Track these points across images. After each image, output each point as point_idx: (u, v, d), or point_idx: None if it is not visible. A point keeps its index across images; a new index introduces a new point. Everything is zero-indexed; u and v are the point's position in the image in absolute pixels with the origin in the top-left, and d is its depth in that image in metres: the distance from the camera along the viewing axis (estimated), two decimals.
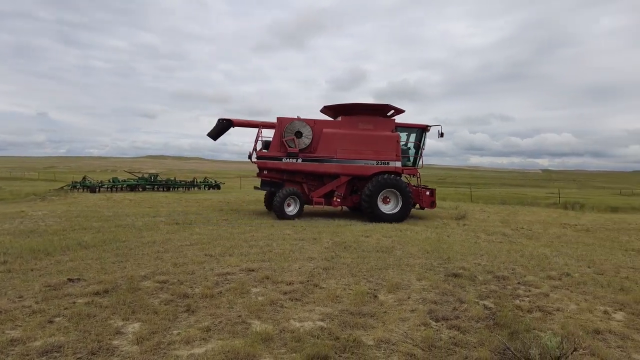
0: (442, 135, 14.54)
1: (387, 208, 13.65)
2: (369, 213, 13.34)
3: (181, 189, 30.86)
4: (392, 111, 14.14)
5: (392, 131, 14.13)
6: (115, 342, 3.69)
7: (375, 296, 5.24)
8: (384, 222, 12.77)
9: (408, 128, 14.83)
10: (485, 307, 4.97)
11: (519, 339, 3.82)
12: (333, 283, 5.76)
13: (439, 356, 3.62)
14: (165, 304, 4.69)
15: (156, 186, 29.55)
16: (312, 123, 13.97)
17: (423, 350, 3.74)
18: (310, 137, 13.70)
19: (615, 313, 4.87)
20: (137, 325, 4.08)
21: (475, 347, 3.79)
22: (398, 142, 13.94)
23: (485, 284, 6.00)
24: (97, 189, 25.55)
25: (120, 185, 27.67)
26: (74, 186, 25.94)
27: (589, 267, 7.25)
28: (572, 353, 3.29)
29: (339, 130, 13.90)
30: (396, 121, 14.59)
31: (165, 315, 4.33)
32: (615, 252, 8.85)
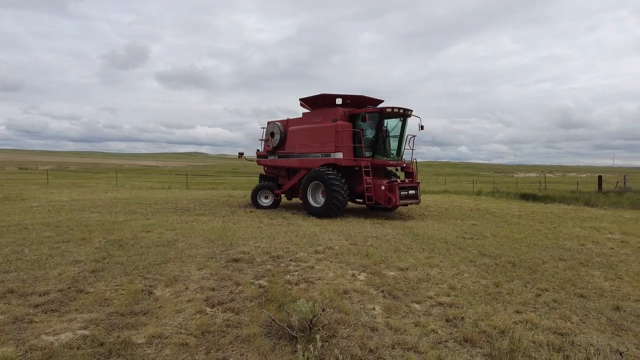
0: (422, 127, 13.60)
1: (321, 201, 13.02)
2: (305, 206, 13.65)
3: None
4: (340, 100, 13.20)
5: (333, 121, 13.13)
6: None
7: (151, 292, 5.00)
8: (316, 217, 12.57)
9: (367, 115, 12.99)
10: (260, 286, 5.37)
11: (284, 310, 4.29)
12: (102, 286, 5.21)
13: (212, 340, 3.73)
14: None
15: None
16: (286, 122, 14.89)
17: (196, 337, 3.79)
18: (279, 135, 14.71)
19: (359, 275, 6.00)
20: None
21: (246, 325, 4.06)
22: (338, 132, 12.83)
23: (262, 264, 6.47)
24: None
25: None
26: None
27: (346, 240, 8.67)
28: (321, 313, 3.90)
29: (298, 127, 14.41)
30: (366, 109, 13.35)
31: None
32: (366, 226, 10.85)
